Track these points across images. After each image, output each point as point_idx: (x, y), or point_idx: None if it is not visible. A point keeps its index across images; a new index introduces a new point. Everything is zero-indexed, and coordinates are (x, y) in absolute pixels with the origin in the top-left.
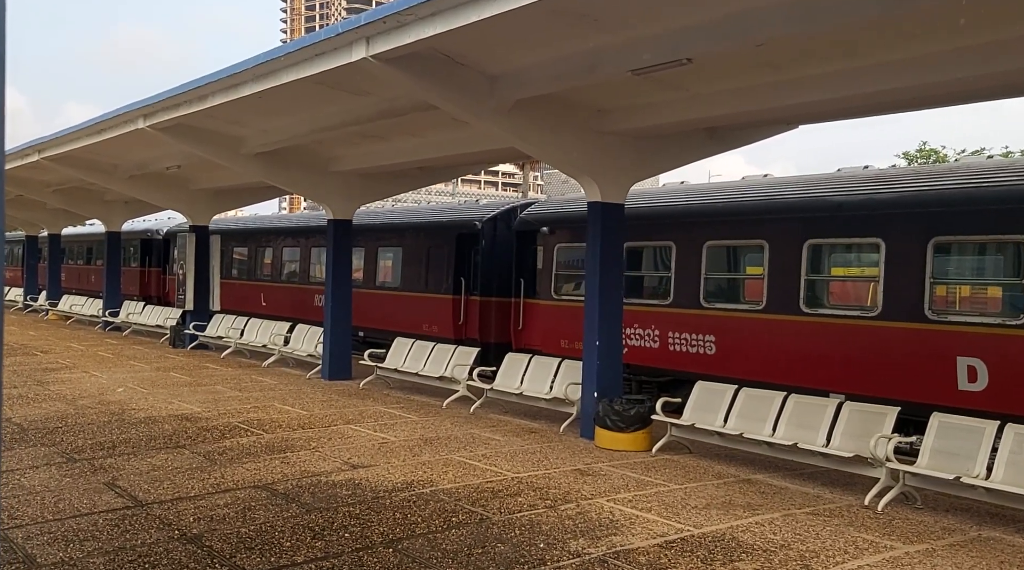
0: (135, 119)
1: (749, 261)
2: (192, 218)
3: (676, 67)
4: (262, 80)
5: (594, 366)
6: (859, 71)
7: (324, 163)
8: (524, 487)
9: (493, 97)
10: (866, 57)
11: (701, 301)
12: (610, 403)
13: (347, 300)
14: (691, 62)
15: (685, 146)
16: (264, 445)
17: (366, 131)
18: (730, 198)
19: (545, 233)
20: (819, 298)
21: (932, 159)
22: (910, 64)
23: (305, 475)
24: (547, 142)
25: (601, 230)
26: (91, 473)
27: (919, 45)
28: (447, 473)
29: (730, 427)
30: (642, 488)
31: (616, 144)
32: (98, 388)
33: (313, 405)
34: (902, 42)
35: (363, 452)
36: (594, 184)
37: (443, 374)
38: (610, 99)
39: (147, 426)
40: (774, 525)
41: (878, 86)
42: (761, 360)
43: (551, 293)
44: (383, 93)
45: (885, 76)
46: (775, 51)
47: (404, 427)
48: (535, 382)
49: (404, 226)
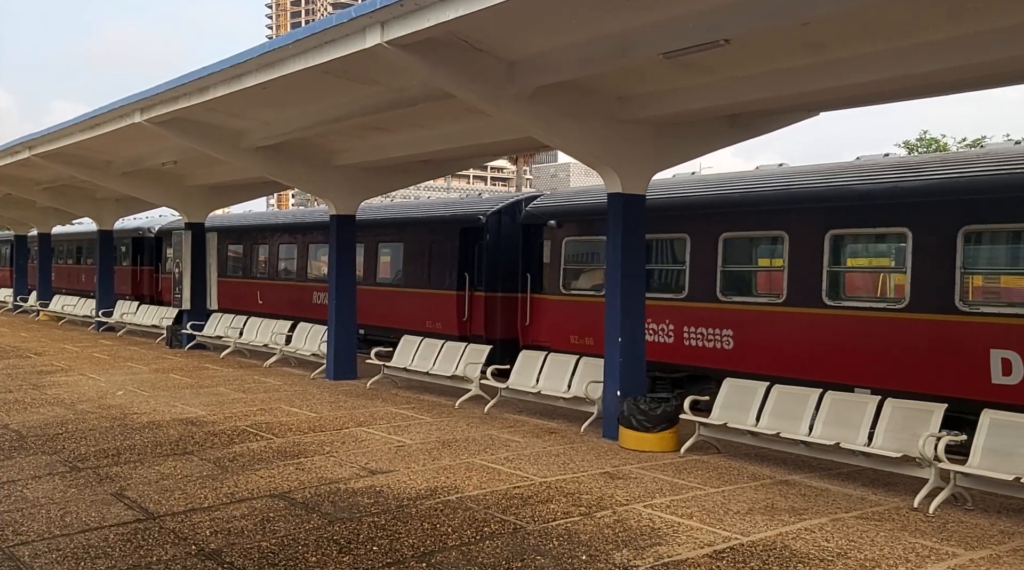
0: (131, 113)
1: (768, 253)
2: (187, 215)
3: (712, 49)
4: (267, 70)
5: (616, 364)
6: (904, 51)
7: (327, 157)
8: (554, 493)
9: (512, 84)
10: (912, 36)
11: (718, 294)
12: (635, 402)
13: (351, 298)
14: (729, 43)
15: (706, 134)
16: (275, 450)
17: (372, 123)
18: (748, 188)
19: (553, 226)
20: (842, 290)
21: (933, 148)
22: (959, 43)
23: (322, 482)
24: (567, 131)
25: (622, 223)
26: (97, 483)
27: (971, 23)
28: (471, 478)
29: (764, 426)
30: (677, 492)
31: (637, 133)
32: (97, 391)
33: (321, 407)
34: (950, 21)
35: (380, 456)
36: (615, 174)
37: (455, 373)
38: (632, 85)
39: (151, 431)
40: (825, 531)
41: (927, 66)
42: (782, 354)
43: (559, 288)
44: (393, 82)
45: (935, 56)
46: (819, 30)
47: (419, 429)
48: (552, 380)
49: (406, 221)
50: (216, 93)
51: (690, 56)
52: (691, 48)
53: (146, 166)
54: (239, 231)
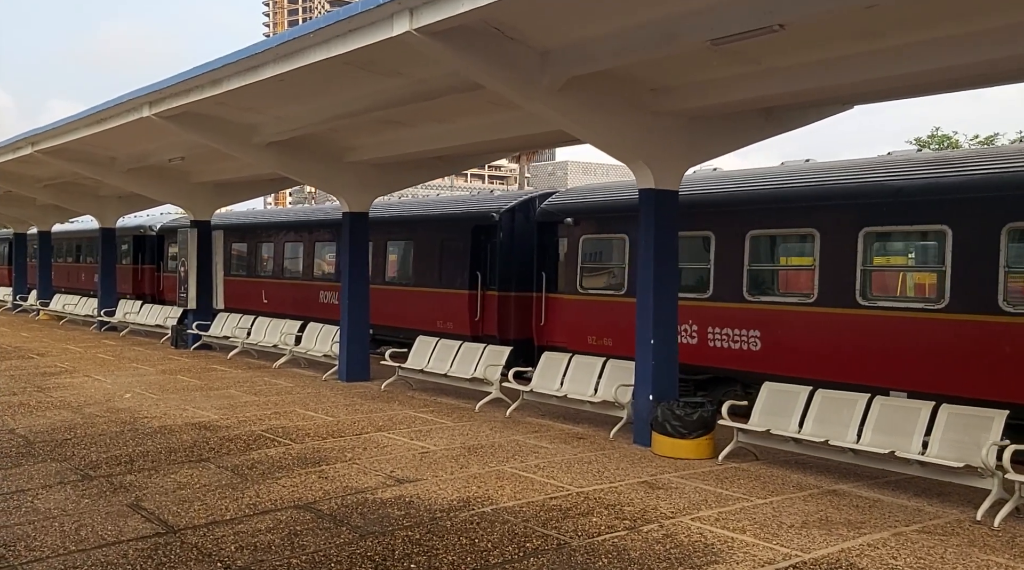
0: (140, 107)
1: (798, 251)
2: (193, 213)
3: (765, 35)
4: (285, 61)
5: (648, 366)
6: (966, 38)
7: (340, 153)
8: (594, 504)
9: (544, 75)
10: (977, 22)
11: (744, 294)
12: (670, 407)
13: (365, 297)
14: (783, 28)
15: (740, 128)
16: (295, 457)
17: (389, 117)
18: (776, 184)
19: (569, 224)
20: (877, 289)
21: (946, 145)
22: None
23: (348, 492)
24: (599, 124)
25: (655, 220)
26: (111, 493)
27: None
28: (504, 488)
29: (809, 433)
30: (723, 503)
31: (670, 126)
32: (104, 394)
33: (337, 410)
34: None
35: (405, 464)
36: (647, 169)
37: (474, 375)
38: (667, 76)
39: (164, 436)
40: (889, 547)
41: (993, 54)
42: (813, 356)
43: (576, 287)
44: (415, 74)
45: (999, 44)
46: (880, 16)
47: (441, 434)
48: (577, 383)
49: (416, 219)
50: (230, 86)
51: (738, 44)
52: (743, 34)
53: (151, 162)
54: (243, 229)
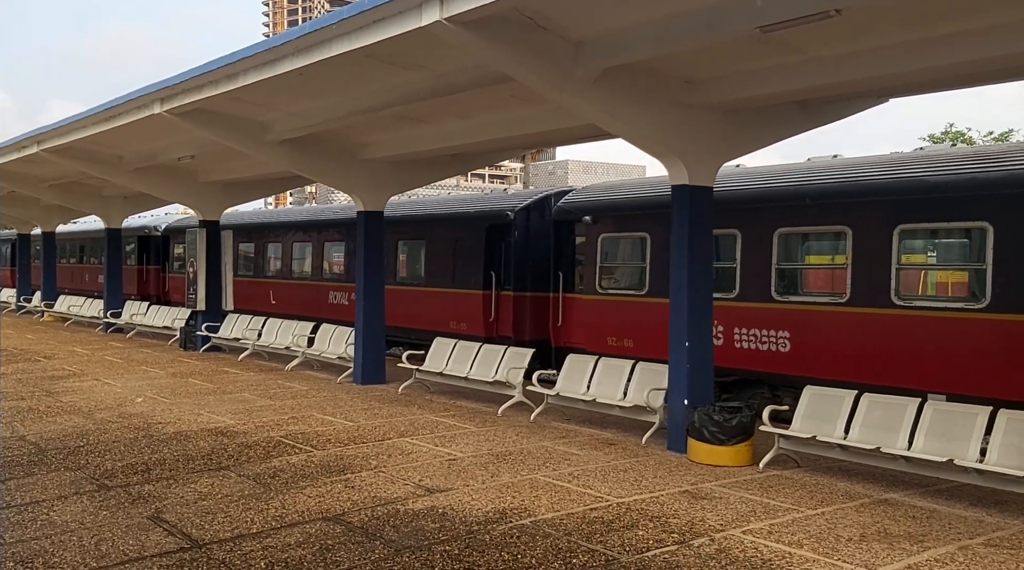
0: (151, 103)
1: (829, 249)
2: (202, 212)
3: (819, 21)
4: (306, 54)
5: (683, 370)
6: None
7: (354, 150)
8: (637, 516)
9: (578, 66)
10: None
11: (772, 294)
12: (707, 412)
13: (380, 298)
14: (839, 14)
15: (776, 121)
16: (318, 464)
17: (407, 113)
18: (805, 181)
19: (588, 222)
20: (914, 289)
21: (959, 142)
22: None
23: (377, 502)
24: (632, 117)
25: (689, 217)
26: (130, 504)
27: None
28: (540, 498)
29: (857, 439)
30: (773, 515)
31: (704, 119)
32: (114, 398)
33: (356, 414)
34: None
35: (433, 472)
36: (681, 164)
37: (496, 378)
38: (702, 67)
39: (180, 443)
40: (958, 563)
41: None
42: (845, 357)
43: (595, 287)
44: (439, 67)
45: None
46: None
47: (466, 440)
48: (605, 387)
49: (428, 218)
50: (246, 80)
51: (785, 32)
52: (796, 20)
53: (160, 161)
54: (250, 229)
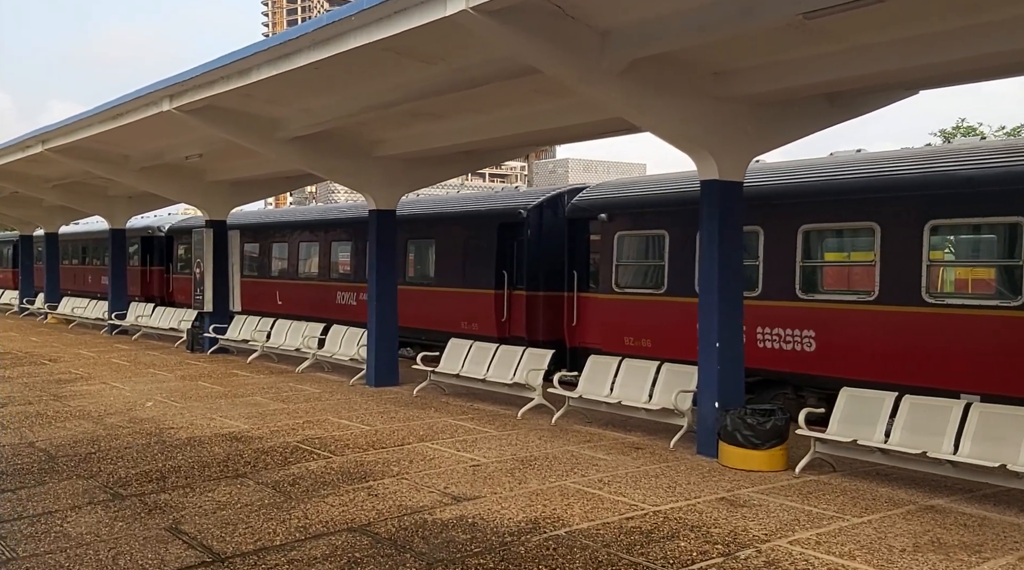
0: (159, 101)
1: (856, 246)
2: (208, 212)
3: (864, 8)
4: (322, 47)
5: (714, 372)
6: None
7: (367, 147)
8: (676, 525)
9: (605, 56)
10: None
11: (797, 292)
12: (741, 415)
13: (393, 299)
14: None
15: (805, 114)
16: (338, 471)
17: (423, 109)
18: (830, 176)
19: (604, 220)
20: (946, 286)
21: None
22: None
23: (404, 512)
24: (661, 110)
25: (719, 213)
26: (146, 514)
27: None
28: (572, 506)
29: (899, 443)
30: (818, 523)
31: (734, 112)
32: (124, 402)
33: (372, 418)
34: None
35: (458, 479)
36: (711, 159)
37: (515, 380)
38: (733, 58)
39: (194, 449)
40: None
41: None
42: (874, 357)
43: (612, 286)
44: (458, 60)
45: None
46: None
47: (487, 444)
48: (630, 389)
49: (438, 216)
50: (259, 75)
51: (827, 20)
52: (842, 6)
53: (166, 160)
54: (256, 229)
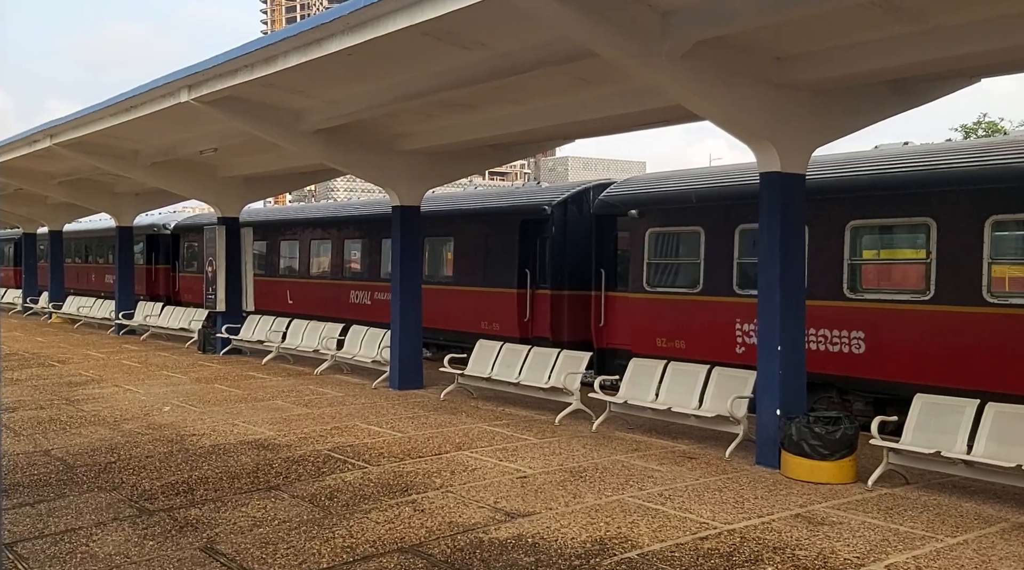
0: (177, 91)
1: (909, 243)
2: (221, 209)
3: None
4: (357, 31)
5: (775, 376)
6: None
7: (391, 141)
8: (757, 547)
9: (665, 39)
10: None
11: (845, 291)
12: (808, 424)
13: (417, 298)
14: None
15: (867, 103)
16: (376, 483)
17: (454, 99)
18: (881, 170)
19: (634, 216)
20: (1011, 285)
21: (992, 132)
22: None
23: (456, 530)
24: (722, 97)
25: (782, 208)
26: (177, 532)
27: None
28: (637, 525)
29: (985, 454)
30: (910, 545)
31: (795, 100)
32: (139, 406)
33: (402, 424)
34: None
35: (507, 492)
36: (772, 150)
37: (551, 384)
38: (799, 41)
39: (219, 458)
40: None
41: None
42: (929, 359)
43: (643, 284)
44: (500, 45)
45: None
46: None
47: (530, 453)
48: (677, 394)
49: (457, 213)
50: (287, 63)
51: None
52: None
53: (178, 155)
54: (265, 226)
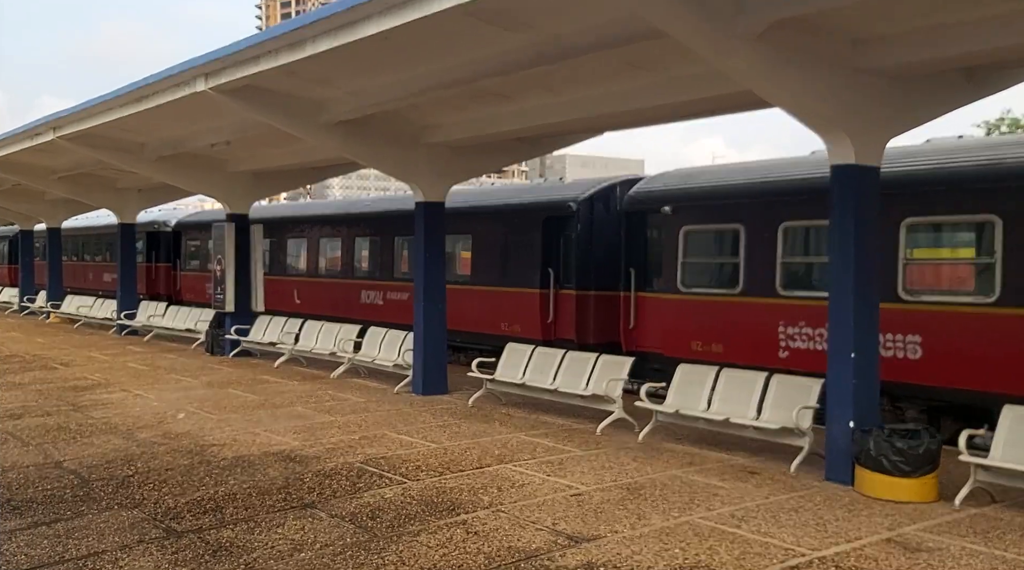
0: (193, 80)
1: (971, 241)
2: (229, 205)
3: None
4: (397, 12)
5: (848, 386)
6: None
7: (416, 134)
8: None
9: (739, 19)
10: None
11: (900, 293)
12: (888, 438)
13: (441, 298)
14: None
15: (942, 91)
16: (419, 500)
17: (486, 89)
18: (938, 163)
19: (667, 213)
20: None
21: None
22: None
23: (517, 556)
24: (796, 83)
25: (856, 204)
26: (211, 557)
27: None
28: (718, 552)
29: None
30: None
31: (870, 87)
32: (152, 413)
33: (433, 433)
34: None
35: (564, 512)
36: (847, 140)
37: (592, 391)
38: (879, 22)
39: (245, 472)
40: None
41: None
42: (996, 365)
43: (677, 285)
44: (549, 27)
45: None
46: None
47: (578, 467)
48: (732, 404)
49: (476, 210)
50: (315, 48)
51: None
52: None
53: (186, 149)
54: (272, 223)
